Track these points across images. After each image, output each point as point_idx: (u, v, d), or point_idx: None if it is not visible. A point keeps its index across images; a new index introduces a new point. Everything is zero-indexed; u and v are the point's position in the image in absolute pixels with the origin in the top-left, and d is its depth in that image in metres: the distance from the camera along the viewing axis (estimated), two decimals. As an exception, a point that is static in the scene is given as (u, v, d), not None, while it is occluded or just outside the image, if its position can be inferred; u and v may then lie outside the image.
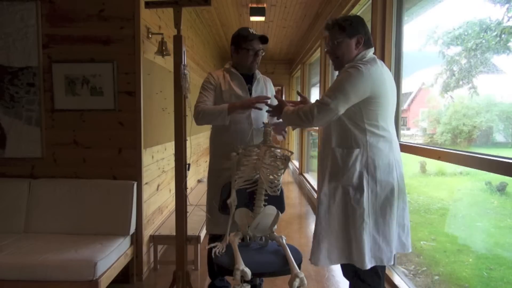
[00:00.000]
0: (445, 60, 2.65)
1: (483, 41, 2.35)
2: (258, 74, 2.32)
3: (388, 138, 1.75)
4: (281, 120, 2.07)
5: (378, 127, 1.73)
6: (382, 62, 1.80)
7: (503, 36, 2.15)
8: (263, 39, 2.21)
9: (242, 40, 2.18)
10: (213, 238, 2.20)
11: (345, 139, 1.74)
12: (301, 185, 6.76)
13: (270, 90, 2.37)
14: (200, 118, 2.14)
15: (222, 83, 2.23)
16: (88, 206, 2.56)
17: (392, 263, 1.78)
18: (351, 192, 1.71)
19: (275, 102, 2.39)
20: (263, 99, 2.08)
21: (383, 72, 1.72)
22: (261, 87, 2.31)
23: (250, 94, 2.24)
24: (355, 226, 1.70)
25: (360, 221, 1.69)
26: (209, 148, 2.40)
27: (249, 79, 2.27)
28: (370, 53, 1.78)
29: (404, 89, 2.59)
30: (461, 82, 2.57)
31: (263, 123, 2.17)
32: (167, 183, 3.48)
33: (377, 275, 1.78)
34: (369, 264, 1.69)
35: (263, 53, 2.26)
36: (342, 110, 1.66)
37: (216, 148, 2.30)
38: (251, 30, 2.19)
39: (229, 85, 2.22)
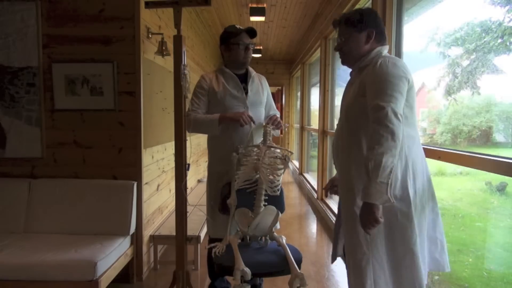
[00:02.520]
0: (448, 63, 2.65)
1: (485, 42, 2.35)
2: (252, 72, 2.30)
3: (418, 136, 1.54)
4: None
5: (410, 124, 1.49)
6: None
7: (505, 37, 2.15)
8: (251, 33, 2.20)
9: (231, 36, 2.17)
10: (213, 240, 2.20)
11: None
12: (301, 185, 6.76)
13: (265, 88, 2.36)
14: (192, 127, 2.11)
15: (215, 85, 2.20)
16: (88, 206, 2.56)
17: (426, 282, 1.48)
18: (396, 204, 1.42)
19: (271, 100, 2.40)
20: (250, 119, 2.09)
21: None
22: (256, 85, 2.28)
23: (246, 93, 2.22)
24: (408, 245, 1.42)
25: (414, 238, 1.42)
26: (207, 150, 2.39)
27: (244, 78, 2.25)
28: (385, 51, 1.61)
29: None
30: (464, 84, 2.57)
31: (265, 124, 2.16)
32: (167, 183, 3.48)
33: None
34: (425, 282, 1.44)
35: (254, 46, 2.25)
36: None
37: (215, 149, 2.28)
38: (237, 26, 2.19)
39: (223, 86, 2.20)
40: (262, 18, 5.22)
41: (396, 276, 1.45)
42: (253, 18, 5.20)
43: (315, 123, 5.99)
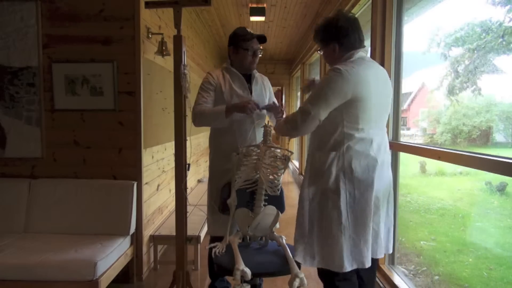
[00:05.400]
0: (450, 63, 2.65)
1: (485, 42, 2.35)
2: (256, 73, 2.32)
3: (368, 139, 1.69)
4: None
5: (358, 129, 1.67)
6: (374, 62, 1.76)
7: (506, 37, 2.15)
8: (261, 39, 2.21)
9: (241, 40, 2.17)
10: (214, 239, 2.20)
11: (324, 142, 1.71)
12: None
13: (268, 88, 2.38)
14: (198, 120, 2.13)
15: (222, 83, 2.22)
16: (88, 206, 2.56)
17: (370, 265, 1.72)
18: (329, 195, 1.69)
19: (273, 99, 2.40)
20: (256, 106, 2.07)
21: (368, 73, 1.65)
22: (260, 85, 2.31)
23: (251, 93, 2.24)
24: (333, 229, 1.67)
25: (337, 224, 1.67)
26: (209, 148, 2.40)
27: (248, 78, 2.27)
28: (359, 53, 1.71)
29: (404, 89, 2.59)
30: (465, 84, 2.57)
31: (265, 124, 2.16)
32: (167, 183, 3.48)
33: (351, 282, 1.75)
34: (348, 267, 1.66)
35: (261, 53, 2.26)
36: (324, 115, 1.65)
37: (218, 148, 2.28)
38: (249, 30, 2.19)
39: (229, 85, 2.21)
40: (262, 18, 5.21)
41: (322, 256, 1.72)
42: (253, 18, 5.19)
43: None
